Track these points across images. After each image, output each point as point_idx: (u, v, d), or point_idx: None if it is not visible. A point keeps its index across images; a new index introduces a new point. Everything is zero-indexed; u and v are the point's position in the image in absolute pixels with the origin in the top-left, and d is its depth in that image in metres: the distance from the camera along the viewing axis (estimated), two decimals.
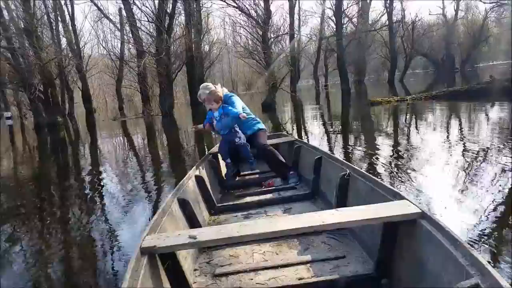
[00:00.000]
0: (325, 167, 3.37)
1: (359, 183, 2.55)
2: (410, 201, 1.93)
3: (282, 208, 3.22)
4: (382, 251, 1.97)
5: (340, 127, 10.55)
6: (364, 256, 2.22)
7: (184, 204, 2.67)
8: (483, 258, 1.33)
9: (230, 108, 3.93)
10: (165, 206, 2.42)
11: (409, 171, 4.81)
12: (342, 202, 2.69)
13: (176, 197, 2.66)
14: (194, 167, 3.66)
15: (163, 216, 2.27)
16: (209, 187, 3.48)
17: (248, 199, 3.61)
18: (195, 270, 2.27)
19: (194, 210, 2.75)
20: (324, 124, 11.47)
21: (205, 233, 1.87)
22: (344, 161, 3.08)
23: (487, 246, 2.65)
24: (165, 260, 1.87)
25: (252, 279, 2.11)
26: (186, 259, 2.18)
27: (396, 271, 1.90)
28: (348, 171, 2.72)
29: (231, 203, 3.48)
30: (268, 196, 3.63)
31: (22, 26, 20.12)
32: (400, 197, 2.02)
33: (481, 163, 4.86)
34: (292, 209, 3.18)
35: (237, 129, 4.03)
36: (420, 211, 1.79)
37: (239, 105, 4.11)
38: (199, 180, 3.39)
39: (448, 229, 1.58)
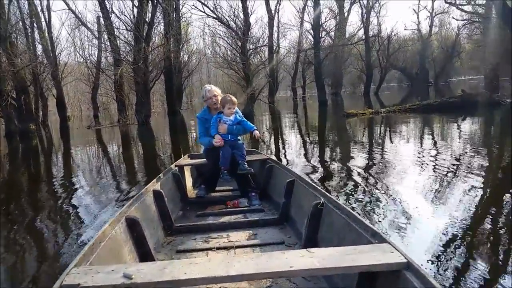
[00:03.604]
0: (298, 191, 3.13)
1: (333, 215, 2.30)
2: (393, 246, 1.63)
3: (247, 234, 2.93)
4: None
5: (316, 138, 10.67)
6: None
7: (133, 225, 2.34)
8: None
9: (246, 121, 3.93)
10: (107, 227, 2.09)
11: (381, 186, 4.88)
12: (313, 234, 2.47)
13: (124, 216, 2.36)
14: (154, 180, 3.39)
15: (102, 240, 1.95)
16: (168, 203, 3.19)
17: (211, 219, 3.34)
18: None
19: (146, 231, 2.44)
20: (300, 135, 11.57)
21: (145, 271, 1.53)
22: (318, 187, 2.83)
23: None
24: None
25: None
26: None
27: None
28: (322, 200, 2.46)
29: (191, 223, 3.20)
30: (232, 217, 3.34)
31: None
32: (381, 240, 1.73)
33: (451, 178, 4.98)
34: (257, 235, 2.90)
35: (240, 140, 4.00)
36: (406, 260, 1.51)
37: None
38: (157, 195, 3.11)
39: (439, 287, 1.32)
